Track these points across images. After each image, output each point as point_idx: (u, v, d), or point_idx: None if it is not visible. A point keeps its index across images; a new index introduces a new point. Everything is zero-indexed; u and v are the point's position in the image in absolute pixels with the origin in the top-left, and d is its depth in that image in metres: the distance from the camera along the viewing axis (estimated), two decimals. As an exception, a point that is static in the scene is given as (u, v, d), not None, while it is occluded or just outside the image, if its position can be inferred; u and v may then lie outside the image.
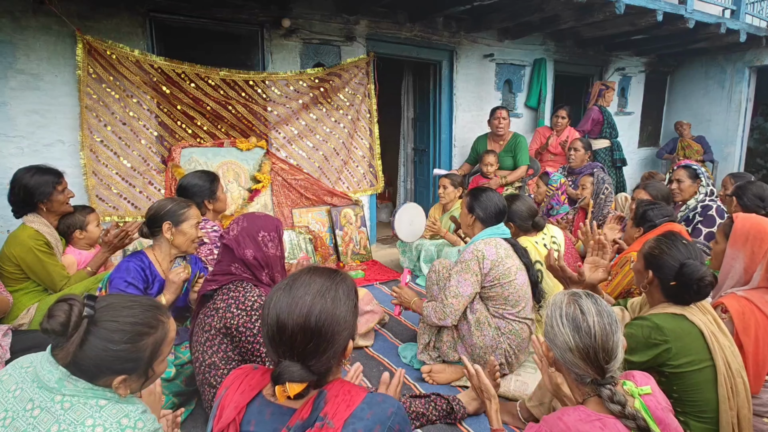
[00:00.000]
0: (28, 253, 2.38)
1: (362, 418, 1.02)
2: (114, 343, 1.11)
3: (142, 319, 1.17)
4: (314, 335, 1.04)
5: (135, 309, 1.17)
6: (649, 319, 1.69)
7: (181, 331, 2.35)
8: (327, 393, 1.07)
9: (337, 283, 1.12)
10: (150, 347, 1.17)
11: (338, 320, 1.07)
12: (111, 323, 1.12)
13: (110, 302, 1.16)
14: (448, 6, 4.36)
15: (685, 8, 5.04)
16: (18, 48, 3.15)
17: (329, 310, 1.06)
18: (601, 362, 1.22)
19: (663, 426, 1.23)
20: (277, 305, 1.07)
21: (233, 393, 1.13)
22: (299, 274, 1.14)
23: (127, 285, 2.09)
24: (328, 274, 1.15)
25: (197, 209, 2.33)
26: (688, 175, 3.31)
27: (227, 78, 3.86)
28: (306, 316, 1.04)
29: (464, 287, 2.32)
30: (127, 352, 1.13)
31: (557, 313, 1.30)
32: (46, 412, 1.06)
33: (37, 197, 2.45)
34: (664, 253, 1.74)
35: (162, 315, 1.23)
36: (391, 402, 1.09)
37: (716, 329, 1.68)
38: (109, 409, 1.10)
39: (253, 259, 1.91)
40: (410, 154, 5.96)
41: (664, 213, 2.57)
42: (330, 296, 1.08)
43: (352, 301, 1.14)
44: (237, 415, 1.08)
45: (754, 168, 7.97)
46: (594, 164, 4.30)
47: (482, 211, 2.44)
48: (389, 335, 3.07)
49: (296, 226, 4.35)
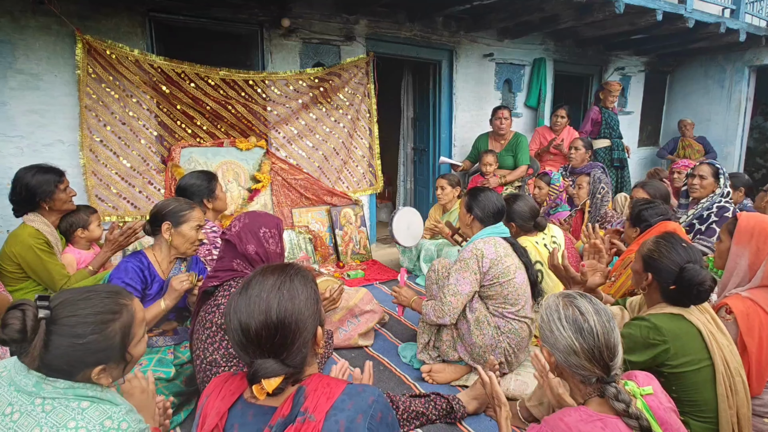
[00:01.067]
0: (29, 251, 2.38)
1: (343, 409, 1.03)
2: (79, 337, 1.09)
3: (102, 307, 1.15)
4: (278, 329, 1.04)
5: (93, 299, 1.15)
6: (647, 319, 1.69)
7: (181, 331, 2.34)
8: (306, 388, 1.07)
9: (290, 275, 1.13)
10: (119, 332, 1.16)
11: (299, 309, 1.08)
12: (71, 318, 1.10)
13: (65, 298, 1.14)
14: (448, 5, 4.36)
15: (684, 8, 5.04)
16: (17, 48, 3.15)
17: (287, 302, 1.07)
18: (606, 360, 1.22)
19: (665, 426, 1.23)
20: (237, 310, 1.07)
21: (214, 400, 1.13)
22: (252, 276, 1.14)
23: (126, 286, 2.08)
24: (280, 269, 1.15)
25: (200, 212, 2.31)
26: (711, 173, 3.27)
27: (227, 78, 3.86)
28: (266, 313, 1.05)
29: (463, 285, 2.33)
30: (96, 343, 1.11)
31: (555, 316, 1.29)
32: (27, 415, 1.04)
33: (40, 196, 2.45)
34: (664, 257, 1.74)
35: (123, 298, 1.21)
36: (371, 390, 1.09)
37: (714, 328, 1.68)
38: (92, 411, 1.08)
39: (255, 254, 1.93)
40: (410, 153, 5.96)
41: (659, 212, 2.57)
42: (286, 288, 1.09)
43: (310, 288, 1.14)
44: (219, 420, 1.08)
45: (753, 167, 7.97)
46: (593, 164, 4.30)
47: (480, 210, 2.45)
48: (389, 335, 3.07)
49: (296, 225, 4.35)
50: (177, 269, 2.30)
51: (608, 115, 5.63)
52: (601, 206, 3.90)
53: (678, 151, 6.68)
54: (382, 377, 2.57)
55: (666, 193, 3.21)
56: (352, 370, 1.59)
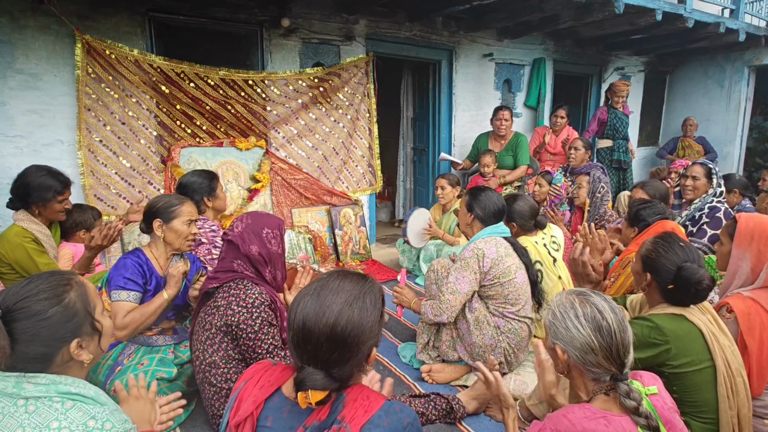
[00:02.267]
0: (17, 249, 2.36)
1: (379, 425, 1.02)
2: (39, 313, 1.09)
3: (49, 284, 1.15)
4: (339, 345, 1.04)
5: (35, 281, 1.15)
6: (649, 319, 1.69)
7: (180, 330, 2.35)
8: (346, 397, 1.07)
9: (365, 292, 1.11)
10: (78, 300, 1.16)
11: (364, 330, 1.07)
12: (23, 301, 1.10)
13: (9, 291, 1.13)
14: (448, 5, 4.36)
15: (684, 7, 5.04)
16: (17, 47, 3.15)
17: (356, 320, 1.06)
18: (622, 357, 1.23)
19: (669, 426, 1.22)
20: (304, 310, 1.06)
21: (252, 387, 1.13)
22: (329, 279, 1.12)
23: (126, 281, 2.08)
24: (357, 280, 1.14)
25: (192, 206, 2.30)
26: (704, 174, 3.26)
27: (226, 77, 3.86)
28: (333, 326, 1.03)
29: (462, 284, 2.32)
30: (60, 314, 1.12)
31: (571, 314, 1.28)
32: (9, 417, 1.03)
33: (33, 199, 2.44)
34: (662, 257, 1.74)
35: (67, 274, 1.21)
36: (408, 413, 1.08)
37: (716, 329, 1.68)
38: (75, 411, 1.08)
39: (258, 255, 1.93)
40: (409, 153, 5.96)
41: (657, 211, 2.57)
42: (357, 306, 1.08)
43: (378, 310, 1.13)
44: (255, 409, 1.08)
45: (753, 167, 7.97)
46: (593, 164, 4.30)
47: (481, 210, 2.45)
48: (389, 335, 3.07)
49: (296, 225, 4.35)
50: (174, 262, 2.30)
51: (615, 116, 5.62)
52: (600, 206, 3.91)
53: (677, 151, 6.68)
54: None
55: (665, 193, 3.21)
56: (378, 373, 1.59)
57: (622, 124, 5.63)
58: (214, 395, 1.90)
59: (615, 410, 1.20)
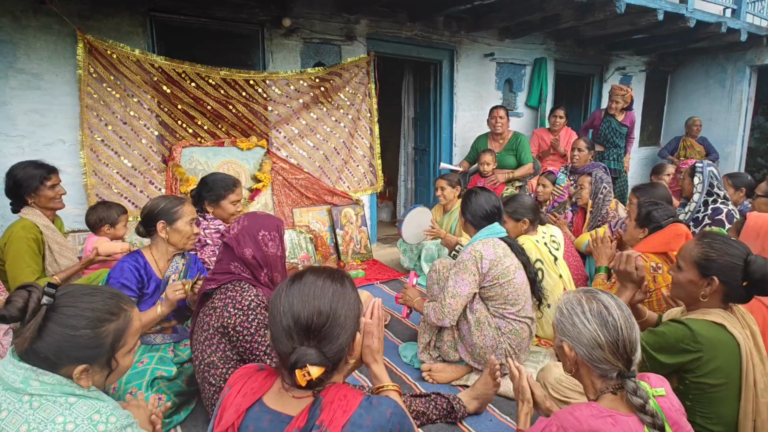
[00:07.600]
0: (17, 241, 2.35)
1: (361, 425, 1.02)
2: (73, 328, 1.11)
3: (103, 306, 1.16)
4: (329, 318, 1.07)
5: (96, 296, 1.17)
6: (685, 323, 1.57)
7: (180, 329, 2.35)
8: (323, 399, 1.07)
9: (341, 276, 1.17)
10: (112, 334, 1.17)
11: (349, 306, 1.11)
12: (70, 309, 1.12)
13: (71, 290, 1.16)
14: (449, 5, 4.36)
15: (685, 7, 5.04)
16: (18, 47, 3.15)
17: (339, 296, 1.11)
18: (629, 354, 1.24)
19: (676, 428, 1.22)
20: (288, 298, 1.09)
21: (235, 394, 1.13)
22: (301, 272, 1.16)
23: (120, 286, 2.09)
24: (330, 270, 1.19)
25: (192, 206, 2.31)
26: (688, 173, 3.26)
27: (228, 77, 3.86)
28: (320, 299, 1.08)
29: (462, 287, 2.33)
30: (87, 338, 1.12)
31: (578, 310, 1.30)
32: (14, 413, 1.05)
33: (24, 190, 2.45)
34: (726, 254, 1.60)
35: (125, 303, 1.22)
36: (387, 403, 1.09)
37: (752, 345, 1.58)
38: (80, 405, 1.09)
39: (252, 258, 1.91)
40: (411, 153, 5.96)
41: (669, 213, 2.54)
42: (338, 284, 1.14)
43: (356, 293, 1.18)
44: (236, 419, 1.09)
45: (754, 167, 7.96)
46: (595, 164, 4.29)
47: (471, 215, 2.50)
48: (390, 334, 3.07)
49: (297, 225, 4.35)
50: (174, 267, 2.30)
51: (609, 125, 5.34)
52: (602, 205, 3.90)
53: (679, 152, 6.66)
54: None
55: (668, 199, 3.16)
56: None
57: (615, 134, 5.31)
58: (214, 395, 1.90)
59: (622, 410, 1.20)
